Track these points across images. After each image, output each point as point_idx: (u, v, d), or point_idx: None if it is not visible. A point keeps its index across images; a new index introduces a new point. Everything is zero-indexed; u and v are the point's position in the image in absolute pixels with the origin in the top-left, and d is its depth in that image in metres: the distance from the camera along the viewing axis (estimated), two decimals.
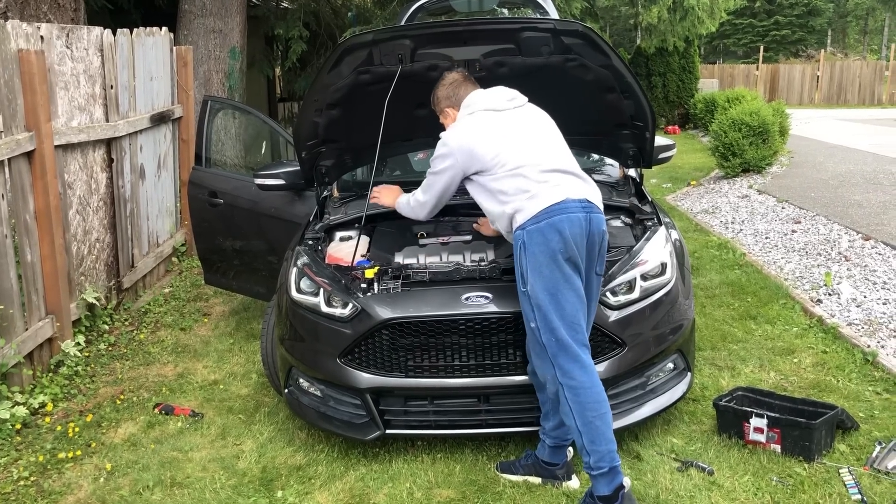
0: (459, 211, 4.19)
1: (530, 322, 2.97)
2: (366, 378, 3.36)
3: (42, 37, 4.53)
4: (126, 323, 5.43)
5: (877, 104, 27.67)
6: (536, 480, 3.25)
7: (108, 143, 5.43)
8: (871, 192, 8.85)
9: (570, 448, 3.28)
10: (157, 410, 4.11)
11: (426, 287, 3.41)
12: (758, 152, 10.35)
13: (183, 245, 6.93)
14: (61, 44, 4.77)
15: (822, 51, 33.05)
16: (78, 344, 4.70)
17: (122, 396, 4.32)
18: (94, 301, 5.02)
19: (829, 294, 5.52)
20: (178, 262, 6.81)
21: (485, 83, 3.74)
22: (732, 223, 8.14)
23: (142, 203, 6.06)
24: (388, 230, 4.06)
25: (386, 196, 3.71)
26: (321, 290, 3.48)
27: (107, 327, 5.20)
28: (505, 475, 3.31)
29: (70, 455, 3.64)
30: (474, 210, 4.17)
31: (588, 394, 2.88)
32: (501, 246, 3.74)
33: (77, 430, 3.90)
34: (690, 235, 7.58)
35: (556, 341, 2.89)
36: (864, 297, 5.38)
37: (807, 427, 3.31)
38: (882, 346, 4.57)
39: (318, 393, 3.57)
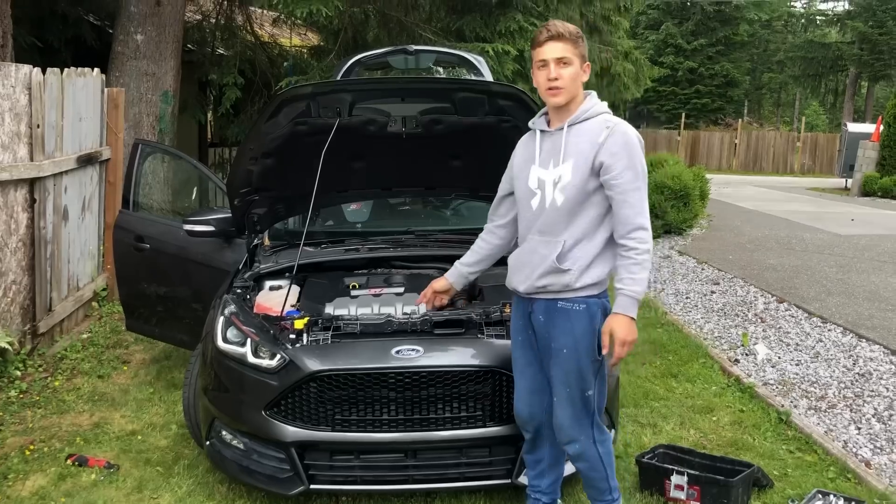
0: (392, 262, 4.22)
1: (587, 391, 2.93)
2: (291, 431, 3.30)
3: None
4: (40, 369, 5.21)
5: (789, 172, 29.14)
6: None
7: (32, 183, 5.28)
8: (785, 257, 9.26)
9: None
10: (69, 461, 3.94)
11: (356, 339, 3.40)
12: (679, 215, 10.74)
13: (104, 289, 6.73)
14: None
15: (740, 120, 34.68)
16: None
17: (31, 447, 4.12)
18: (7, 345, 4.81)
19: (746, 354, 5.72)
20: (98, 306, 6.60)
21: (421, 140, 3.82)
22: (655, 282, 8.37)
23: (63, 245, 5.88)
24: (320, 280, 4.05)
25: (625, 327, 2.88)
26: (248, 339, 3.42)
27: (19, 373, 4.98)
28: None
29: None
30: (408, 262, 4.21)
31: (610, 441, 3.10)
32: None
33: None
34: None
35: (599, 408, 2.99)
36: (779, 357, 5.60)
37: (725, 485, 3.39)
38: (795, 406, 4.75)
39: (241, 446, 3.48)
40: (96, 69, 6.51)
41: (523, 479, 3.30)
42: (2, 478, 3.78)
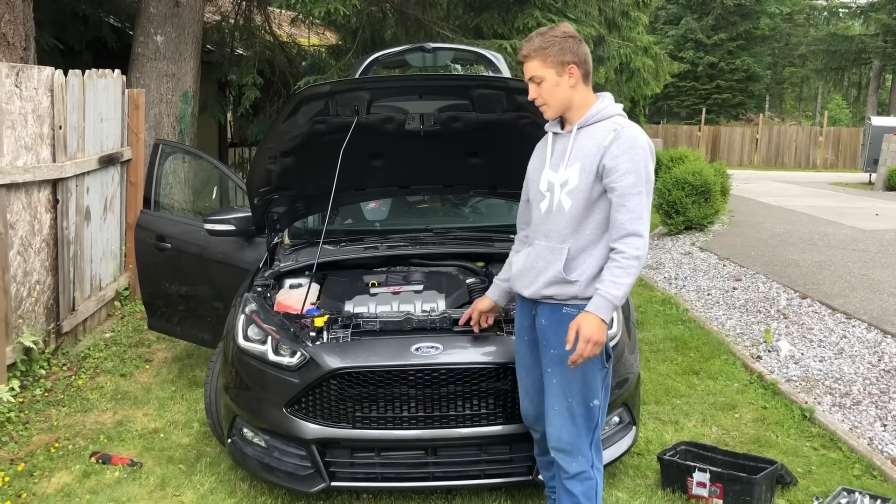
0: (411, 260, 4.22)
1: (593, 400, 2.83)
2: (312, 429, 3.31)
3: None
4: (64, 368, 5.27)
5: (811, 168, 28.81)
6: None
7: (54, 184, 5.34)
8: (808, 252, 9.15)
9: None
10: (93, 459, 3.98)
11: (376, 337, 3.41)
12: (700, 211, 10.64)
13: (126, 289, 6.79)
14: (10, 83, 4.71)
15: (761, 115, 34.36)
16: (12, 389, 4.54)
17: (56, 444, 4.17)
18: (32, 345, 4.87)
19: (769, 351, 5.66)
20: (120, 306, 6.67)
21: (439, 137, 3.81)
22: (676, 279, 8.32)
23: (86, 245, 5.95)
24: (340, 278, 4.06)
25: (593, 326, 2.70)
26: (269, 337, 3.44)
27: (44, 372, 5.04)
28: None
29: None
30: (426, 259, 4.21)
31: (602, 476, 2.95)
32: (452, 296, 3.76)
33: (7, 479, 3.75)
34: (635, 290, 7.72)
35: (601, 424, 2.88)
36: (802, 354, 5.54)
37: (748, 482, 3.37)
38: (819, 403, 4.70)
39: (263, 443, 3.51)
40: (117, 70, 6.57)
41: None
42: (28, 475, 3.83)
